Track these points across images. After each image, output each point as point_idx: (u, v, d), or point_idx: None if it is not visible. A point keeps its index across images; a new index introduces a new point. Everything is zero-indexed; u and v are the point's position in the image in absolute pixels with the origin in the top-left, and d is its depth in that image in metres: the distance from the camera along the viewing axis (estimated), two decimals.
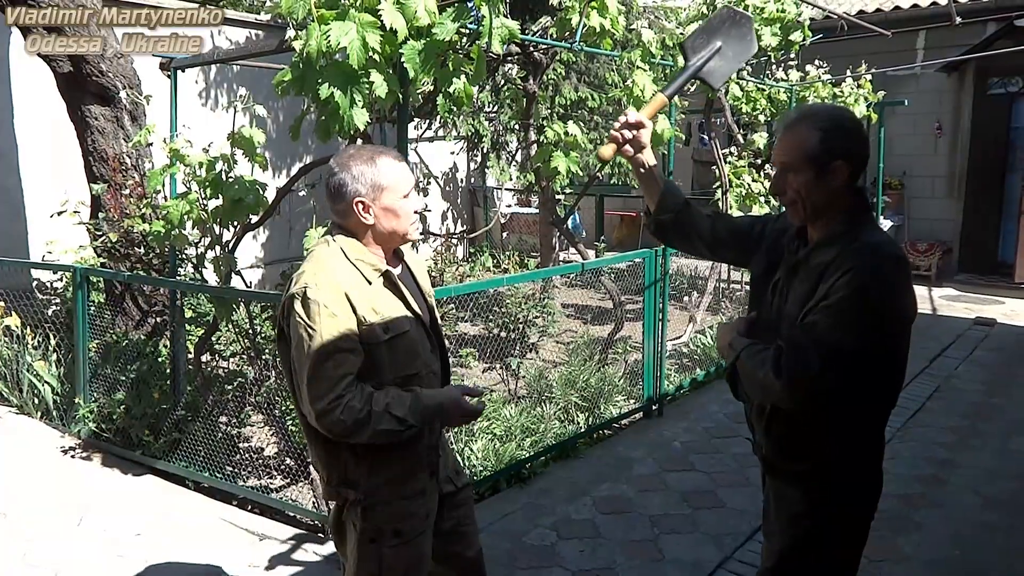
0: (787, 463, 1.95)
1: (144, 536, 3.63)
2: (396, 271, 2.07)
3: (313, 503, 3.82)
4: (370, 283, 1.98)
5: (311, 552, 3.47)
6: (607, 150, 2.10)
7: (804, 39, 6.22)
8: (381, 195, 1.98)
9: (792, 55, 6.84)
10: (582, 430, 4.71)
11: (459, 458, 2.33)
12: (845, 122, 1.86)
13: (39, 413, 5.13)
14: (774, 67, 7.31)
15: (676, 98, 5.27)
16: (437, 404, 2.00)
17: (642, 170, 2.17)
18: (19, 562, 3.42)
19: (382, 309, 1.98)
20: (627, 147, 2.11)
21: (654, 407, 5.18)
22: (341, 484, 2.06)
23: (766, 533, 2.07)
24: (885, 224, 9.44)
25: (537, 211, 9.18)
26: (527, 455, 4.21)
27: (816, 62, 7.54)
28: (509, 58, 6.22)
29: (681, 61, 4.89)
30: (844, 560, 1.97)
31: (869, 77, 7.86)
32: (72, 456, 4.57)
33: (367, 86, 2.81)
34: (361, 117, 2.82)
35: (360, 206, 1.98)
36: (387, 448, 2.00)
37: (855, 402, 1.82)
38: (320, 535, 3.66)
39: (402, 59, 2.83)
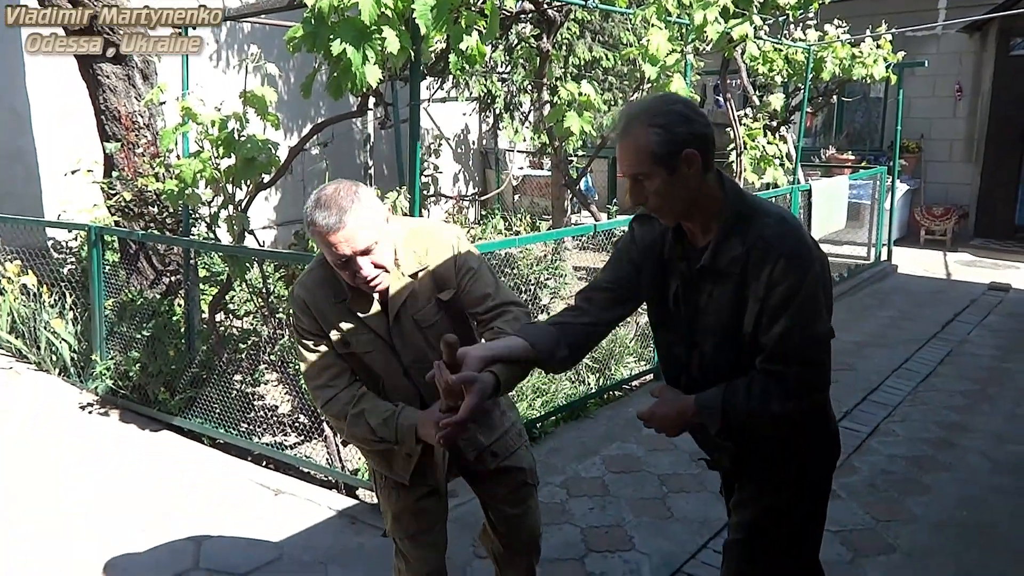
0: (754, 471, 1.95)
1: (161, 489, 3.71)
2: (366, 311, 2.01)
3: (327, 459, 3.88)
4: (336, 301, 2.02)
5: (325, 507, 3.53)
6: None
7: None
8: (320, 249, 1.94)
9: (811, 14, 6.72)
10: (592, 391, 4.74)
11: (509, 443, 2.25)
12: (677, 106, 1.73)
13: (57, 370, 5.21)
14: (792, 27, 7.18)
15: (691, 58, 5.20)
16: (411, 424, 1.98)
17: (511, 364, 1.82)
18: (43, 509, 3.50)
19: (342, 326, 2.03)
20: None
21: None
22: None
23: (735, 504, 2.03)
24: (901, 187, 9.34)
25: (549, 173, 9.14)
26: (538, 415, 4.24)
27: (835, 22, 7.40)
28: (523, 16, 6.14)
29: (698, 18, 4.83)
30: (816, 517, 1.99)
31: (889, 37, 7.71)
32: (90, 412, 4.65)
33: (379, 42, 2.78)
34: (373, 74, 2.80)
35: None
36: None
37: None
38: (334, 490, 3.72)
39: (414, 15, 2.80)
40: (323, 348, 2.04)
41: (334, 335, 2.02)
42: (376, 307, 2.02)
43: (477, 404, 1.67)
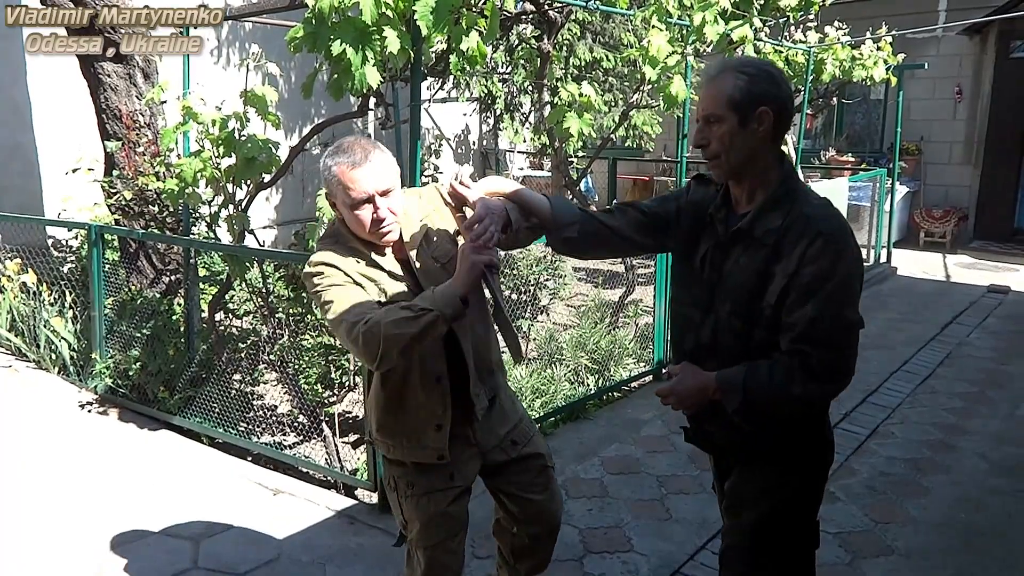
0: (749, 447, 1.92)
1: (159, 488, 3.71)
2: (384, 258, 2.02)
3: (325, 459, 3.89)
4: (359, 262, 2.00)
5: (323, 506, 3.53)
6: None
7: None
8: (336, 197, 1.97)
9: (811, 16, 6.72)
10: (591, 392, 4.74)
11: (526, 430, 2.32)
12: (769, 67, 1.80)
13: (56, 368, 5.21)
14: (792, 28, 7.18)
15: (692, 59, 5.21)
16: (447, 283, 1.88)
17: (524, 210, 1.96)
18: (41, 507, 3.50)
19: (376, 279, 2.00)
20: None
21: (664, 370, 5.19)
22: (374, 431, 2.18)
23: (729, 508, 2.02)
24: (901, 190, 9.35)
25: (549, 174, 9.14)
26: (537, 416, 4.24)
27: (835, 23, 7.41)
28: (524, 17, 6.14)
29: (698, 19, 4.83)
30: (811, 522, 1.99)
31: (889, 39, 7.72)
32: (89, 411, 4.65)
33: (379, 43, 2.79)
34: (373, 75, 2.80)
35: (328, 200, 2.02)
36: (396, 401, 2.06)
37: None
38: (332, 490, 3.72)
39: (415, 16, 2.80)
40: (357, 291, 1.96)
41: (373, 290, 1.98)
42: (396, 255, 2.05)
43: (488, 203, 1.87)
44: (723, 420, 1.88)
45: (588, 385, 4.85)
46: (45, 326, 5.25)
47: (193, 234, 4.72)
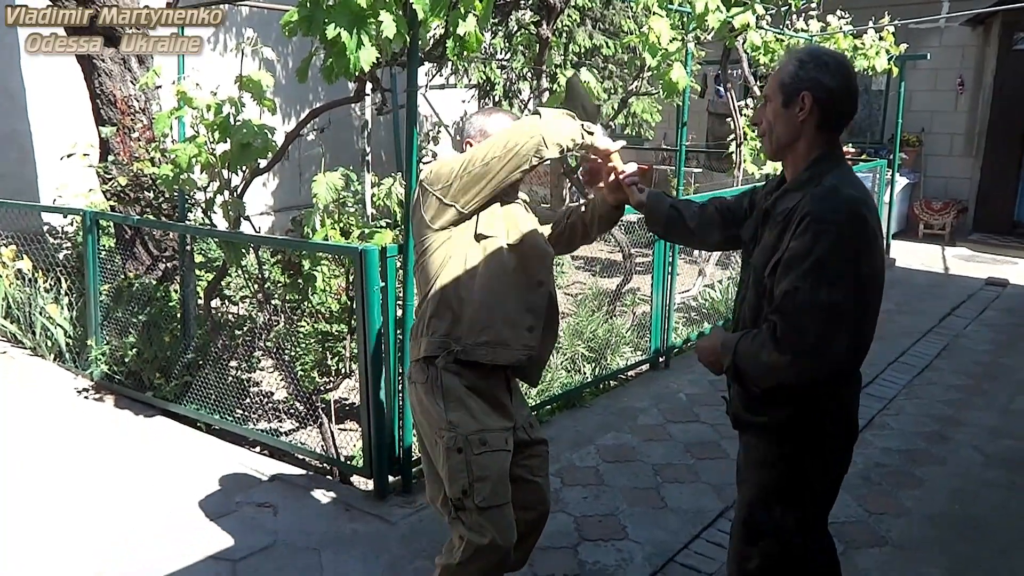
0: (752, 416, 1.96)
1: (156, 476, 3.70)
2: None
3: (321, 446, 3.88)
4: None
5: (319, 493, 3.53)
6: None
7: None
8: (483, 139, 2.29)
9: (813, 4, 6.67)
10: (588, 380, 4.74)
11: (532, 417, 2.56)
12: (827, 58, 1.86)
13: (52, 355, 5.19)
14: (794, 17, 7.13)
15: (692, 47, 5.17)
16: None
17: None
18: (37, 494, 3.50)
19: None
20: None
21: (661, 359, 5.19)
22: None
23: (739, 482, 2.10)
24: (901, 181, 9.32)
25: (548, 161, 9.09)
26: (534, 404, 4.24)
27: (838, 12, 7.36)
28: (523, 2, 6.09)
29: (699, 6, 4.80)
30: (813, 511, 1.99)
31: (892, 29, 7.67)
32: (85, 397, 4.65)
33: (375, 26, 2.76)
34: (367, 56, 2.77)
35: (468, 146, 2.34)
36: (498, 295, 2.24)
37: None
38: (328, 477, 3.72)
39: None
40: None
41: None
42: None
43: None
44: (731, 385, 2.00)
45: (585, 373, 4.84)
46: (41, 313, 5.23)
47: (189, 220, 4.70)
